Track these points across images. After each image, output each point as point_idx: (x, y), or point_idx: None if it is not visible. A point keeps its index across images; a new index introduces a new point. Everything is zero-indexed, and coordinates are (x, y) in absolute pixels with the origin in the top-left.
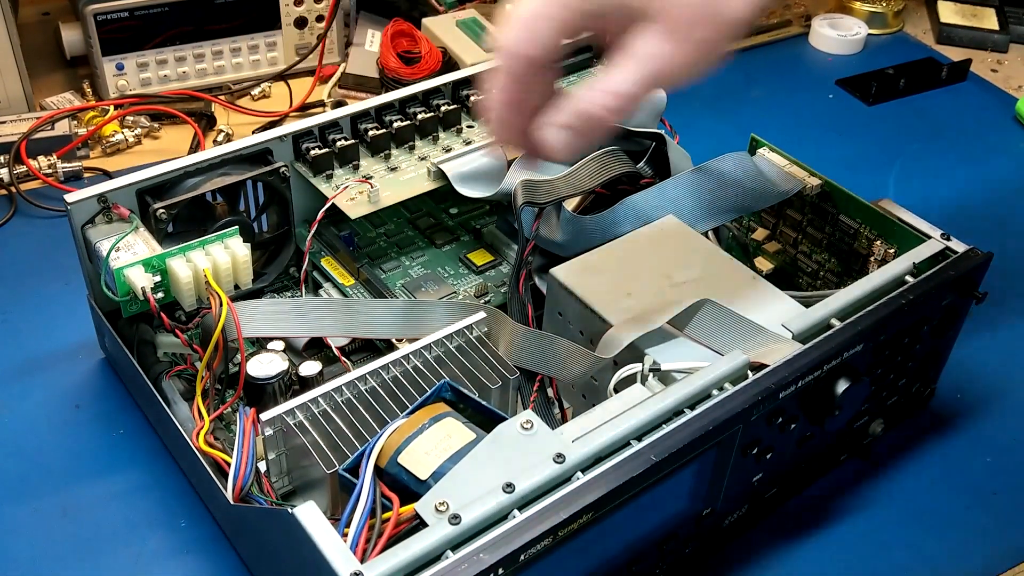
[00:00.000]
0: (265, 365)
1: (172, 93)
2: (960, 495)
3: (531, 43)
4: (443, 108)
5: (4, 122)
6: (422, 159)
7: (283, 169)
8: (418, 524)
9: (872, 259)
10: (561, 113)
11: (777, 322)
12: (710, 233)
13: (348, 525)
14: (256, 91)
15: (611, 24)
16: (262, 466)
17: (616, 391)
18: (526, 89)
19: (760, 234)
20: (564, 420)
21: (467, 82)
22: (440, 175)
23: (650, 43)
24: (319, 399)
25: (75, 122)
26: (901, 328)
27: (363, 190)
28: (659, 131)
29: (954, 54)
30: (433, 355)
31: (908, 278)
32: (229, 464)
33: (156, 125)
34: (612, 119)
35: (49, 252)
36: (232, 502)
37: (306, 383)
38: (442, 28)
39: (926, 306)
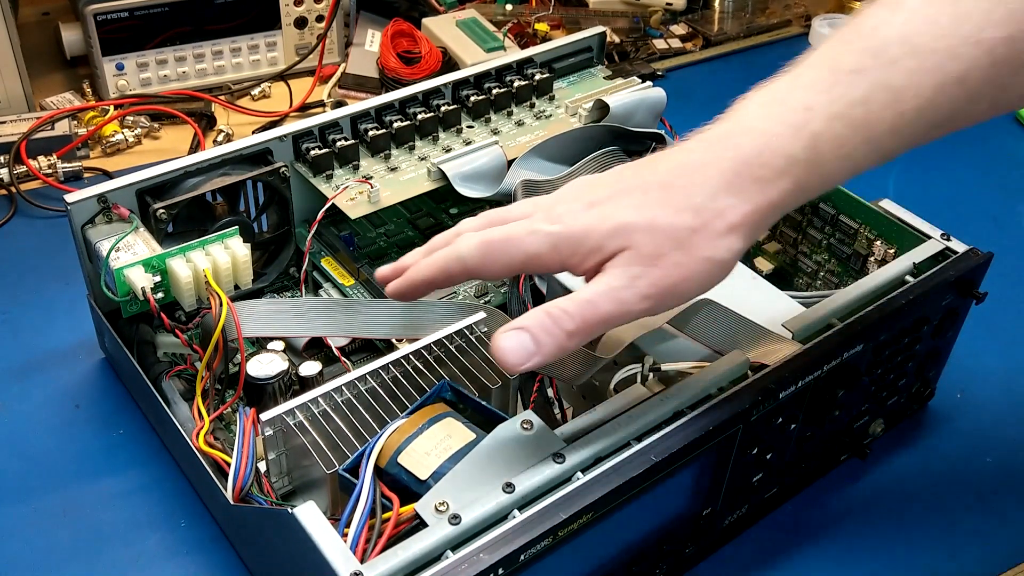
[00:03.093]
0: (265, 365)
1: (172, 93)
2: (960, 495)
3: (495, 270)
4: (443, 108)
5: (4, 122)
6: (422, 159)
7: (283, 169)
8: (418, 524)
9: (872, 259)
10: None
11: (777, 322)
12: None
13: (348, 525)
14: (256, 91)
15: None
16: (262, 466)
17: (616, 391)
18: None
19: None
20: (564, 420)
21: (467, 82)
22: (440, 175)
23: (618, 271)
24: (319, 399)
25: (75, 122)
26: (901, 328)
27: (363, 190)
28: (659, 131)
29: None
30: (433, 355)
31: (908, 278)
32: (229, 464)
33: (156, 125)
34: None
35: (49, 252)
36: (232, 502)
37: (306, 383)
38: (442, 28)
39: (926, 306)
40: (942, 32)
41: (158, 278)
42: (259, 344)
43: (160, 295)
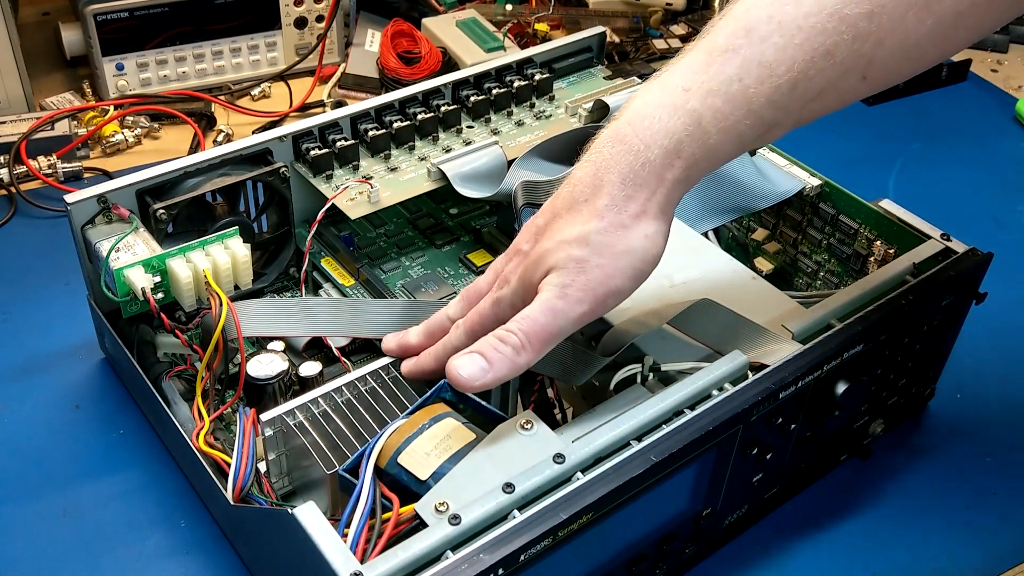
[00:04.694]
0: (265, 365)
1: (172, 93)
2: (960, 495)
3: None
4: (443, 108)
5: (4, 122)
6: (422, 159)
7: (283, 169)
8: (418, 524)
9: (872, 259)
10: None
11: (777, 322)
12: (710, 233)
13: (348, 525)
14: (256, 91)
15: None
16: (262, 466)
17: (616, 391)
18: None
19: (760, 234)
20: (564, 420)
21: (467, 82)
22: (440, 175)
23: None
24: (319, 399)
25: (75, 122)
26: (901, 328)
27: (363, 190)
28: None
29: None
30: None
31: (908, 278)
32: (229, 464)
33: (156, 125)
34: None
35: (49, 252)
36: (232, 502)
37: (306, 383)
38: (442, 28)
39: (926, 306)
40: (807, 10)
41: (158, 278)
42: (259, 344)
43: (160, 295)
